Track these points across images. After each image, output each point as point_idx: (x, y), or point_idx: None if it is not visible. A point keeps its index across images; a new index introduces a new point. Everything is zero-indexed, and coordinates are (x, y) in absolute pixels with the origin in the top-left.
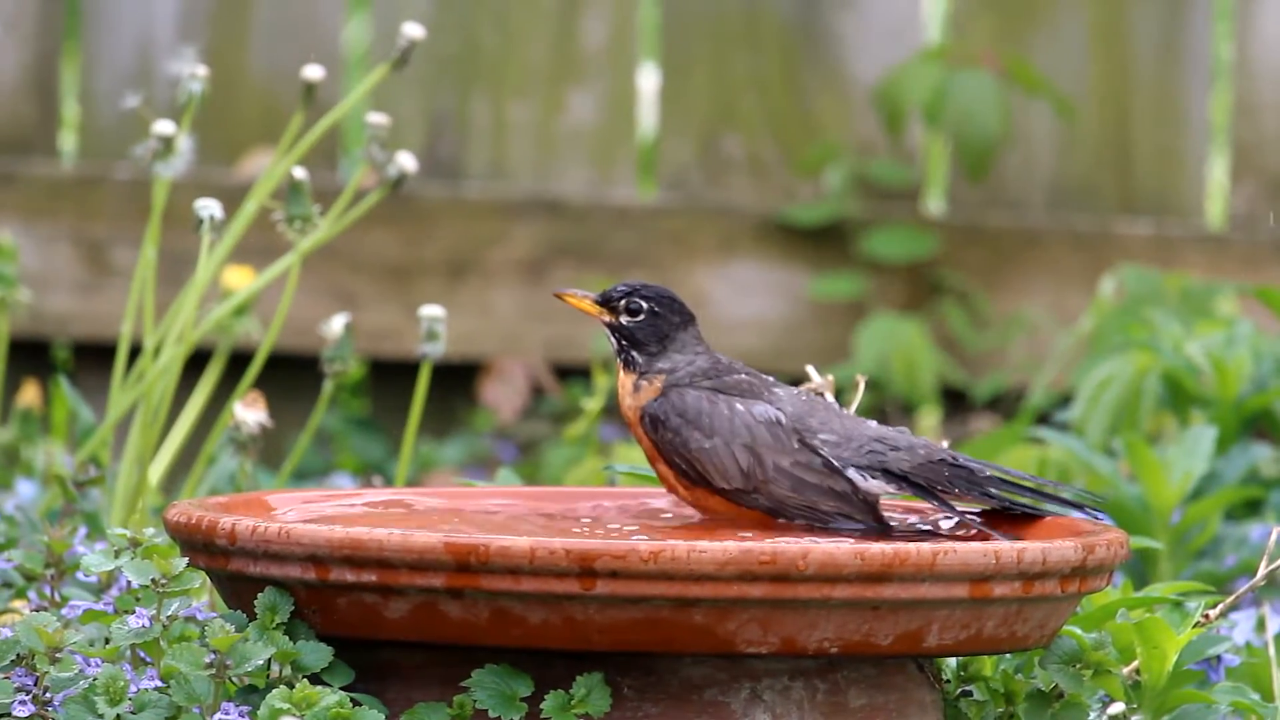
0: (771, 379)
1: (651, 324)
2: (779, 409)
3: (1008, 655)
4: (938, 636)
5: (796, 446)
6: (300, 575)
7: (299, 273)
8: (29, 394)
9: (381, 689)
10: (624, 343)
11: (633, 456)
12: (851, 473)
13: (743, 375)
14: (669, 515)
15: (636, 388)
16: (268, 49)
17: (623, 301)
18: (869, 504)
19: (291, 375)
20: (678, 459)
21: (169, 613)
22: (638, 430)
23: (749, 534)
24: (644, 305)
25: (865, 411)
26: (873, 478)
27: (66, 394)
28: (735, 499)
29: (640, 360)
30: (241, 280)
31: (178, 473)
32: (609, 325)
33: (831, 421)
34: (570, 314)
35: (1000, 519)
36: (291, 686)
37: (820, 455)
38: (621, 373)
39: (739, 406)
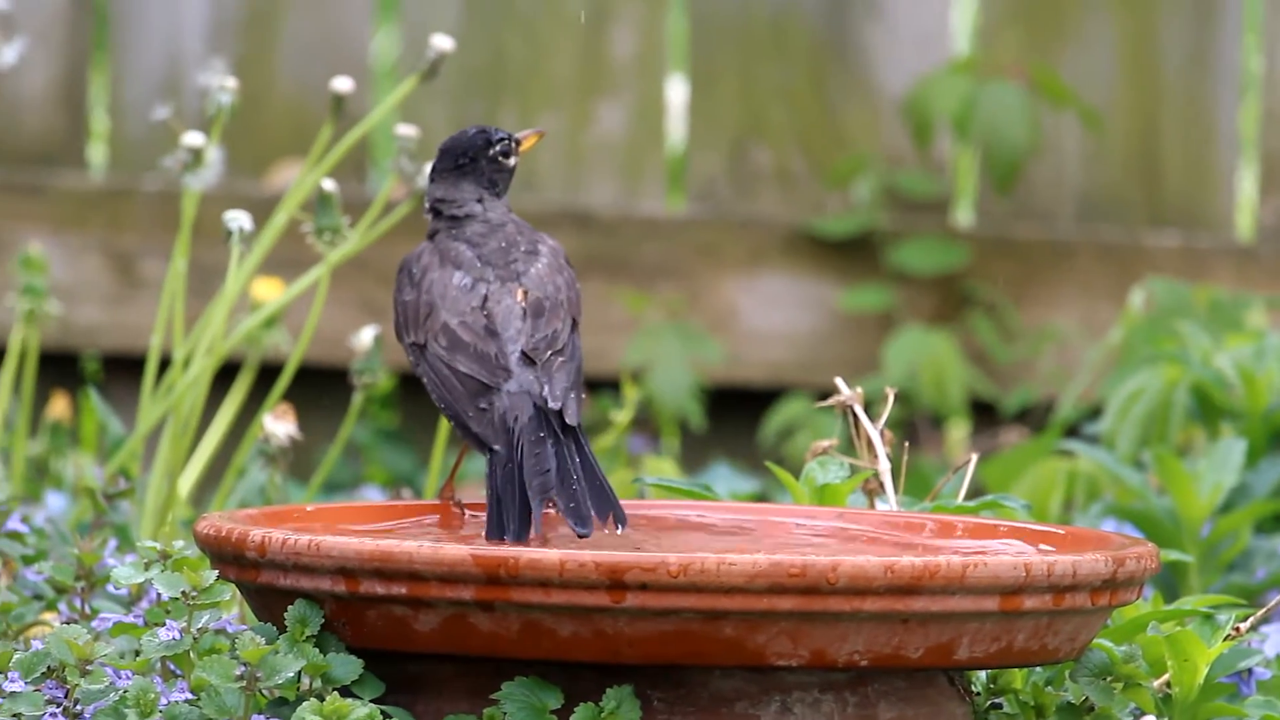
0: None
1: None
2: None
3: (1038, 668)
4: (968, 649)
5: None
6: (330, 588)
7: (328, 284)
8: (59, 406)
9: (411, 701)
10: None
11: (662, 469)
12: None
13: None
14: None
15: None
16: (297, 61)
17: None
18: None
19: (321, 387)
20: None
21: (199, 625)
22: None
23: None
24: None
25: (894, 424)
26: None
27: (96, 406)
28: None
29: None
30: (271, 292)
31: (207, 485)
32: None
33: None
34: (599, 326)
35: None
36: (322, 699)
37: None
38: None
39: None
